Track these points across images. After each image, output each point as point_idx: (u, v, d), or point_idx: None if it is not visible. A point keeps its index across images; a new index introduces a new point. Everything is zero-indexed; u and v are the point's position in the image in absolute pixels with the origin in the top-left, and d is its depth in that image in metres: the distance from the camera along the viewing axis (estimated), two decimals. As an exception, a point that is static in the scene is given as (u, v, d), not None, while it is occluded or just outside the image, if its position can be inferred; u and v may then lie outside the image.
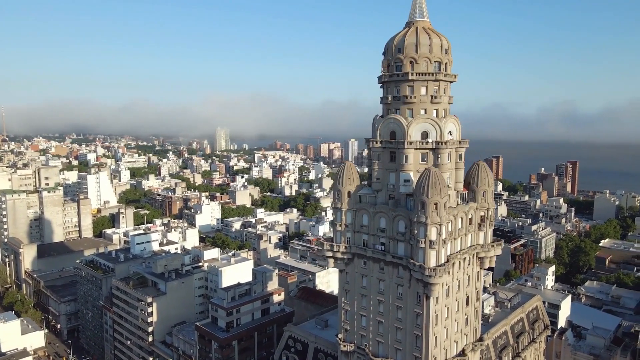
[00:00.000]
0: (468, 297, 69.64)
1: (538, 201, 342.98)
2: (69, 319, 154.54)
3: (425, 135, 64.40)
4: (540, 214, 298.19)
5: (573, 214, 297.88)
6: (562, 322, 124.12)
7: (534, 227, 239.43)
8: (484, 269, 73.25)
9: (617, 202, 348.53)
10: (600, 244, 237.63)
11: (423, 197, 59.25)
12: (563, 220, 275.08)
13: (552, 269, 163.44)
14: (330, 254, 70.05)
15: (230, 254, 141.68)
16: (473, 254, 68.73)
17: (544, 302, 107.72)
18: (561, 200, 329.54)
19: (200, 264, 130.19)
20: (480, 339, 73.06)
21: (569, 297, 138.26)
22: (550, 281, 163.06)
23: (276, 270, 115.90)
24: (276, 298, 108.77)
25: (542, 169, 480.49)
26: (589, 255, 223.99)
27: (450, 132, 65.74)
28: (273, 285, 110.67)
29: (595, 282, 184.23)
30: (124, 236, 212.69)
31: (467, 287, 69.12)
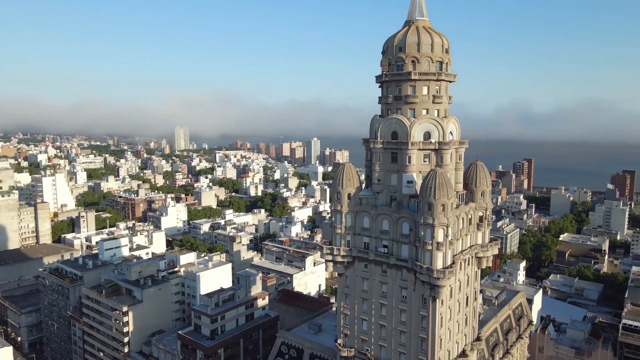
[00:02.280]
0: (467, 297, 69.68)
1: (499, 198, 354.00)
2: (30, 331, 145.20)
3: (427, 135, 63.71)
4: (502, 210, 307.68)
5: (534, 210, 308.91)
6: (534, 317, 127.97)
7: (499, 224, 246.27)
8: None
9: (571, 198, 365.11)
10: (560, 238, 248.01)
11: (430, 198, 58.48)
12: (525, 216, 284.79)
13: (523, 264, 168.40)
14: (329, 257, 68.20)
15: (206, 258, 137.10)
16: (472, 254, 68.74)
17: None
18: (521, 196, 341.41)
19: (176, 269, 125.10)
20: (478, 339, 73.38)
21: (540, 292, 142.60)
22: (521, 276, 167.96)
23: (260, 274, 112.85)
24: (260, 302, 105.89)
25: (500, 166, 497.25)
26: (551, 249, 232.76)
27: (451, 132, 65.35)
28: (257, 289, 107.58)
29: (558, 275, 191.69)
30: (86, 241, 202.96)
31: (467, 287, 69.12)
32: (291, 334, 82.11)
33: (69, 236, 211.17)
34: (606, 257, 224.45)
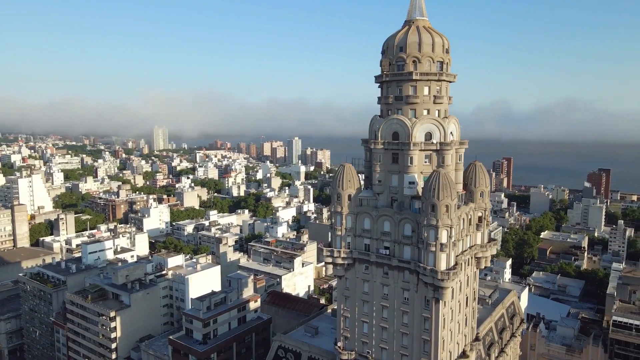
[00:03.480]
0: (467, 297, 69.67)
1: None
2: (9, 338, 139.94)
3: (429, 136, 63.36)
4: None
5: (515, 208, 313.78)
6: (522, 314, 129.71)
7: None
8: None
9: (550, 196, 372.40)
10: (541, 236, 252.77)
11: (434, 199, 58.09)
12: (507, 215, 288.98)
13: (509, 262, 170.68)
14: (329, 259, 67.28)
15: (194, 260, 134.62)
16: (472, 255, 68.73)
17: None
18: (502, 195, 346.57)
19: (163, 272, 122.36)
20: (477, 338, 73.52)
21: (527, 289, 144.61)
22: (507, 274, 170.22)
23: (251, 276, 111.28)
24: (252, 305, 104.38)
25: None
26: (532, 247, 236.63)
27: (451, 132, 65.14)
28: (248, 292, 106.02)
29: (541, 272, 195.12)
30: (66, 244, 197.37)
31: (467, 287, 69.11)
32: (288, 337, 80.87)
33: (48, 239, 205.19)
34: (585, 254, 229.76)
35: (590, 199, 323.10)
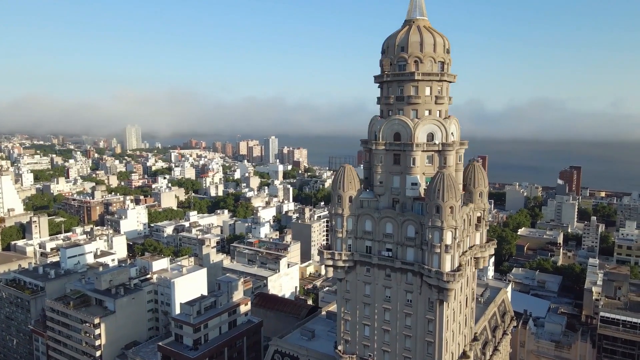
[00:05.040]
0: (467, 298, 69.73)
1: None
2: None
3: (431, 136, 62.93)
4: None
5: (493, 205, 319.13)
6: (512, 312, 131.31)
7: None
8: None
9: (525, 194, 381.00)
10: (519, 233, 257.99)
11: (438, 200, 57.68)
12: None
13: (492, 260, 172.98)
14: (330, 262, 66.17)
15: (179, 264, 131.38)
16: (472, 255, 68.75)
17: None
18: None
19: (148, 276, 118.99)
20: (475, 338, 73.70)
21: (510, 286, 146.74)
22: (491, 271, 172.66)
23: (242, 279, 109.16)
24: (242, 308, 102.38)
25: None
26: (510, 243, 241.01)
27: (452, 133, 64.90)
28: (238, 295, 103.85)
29: (520, 269, 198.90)
30: (40, 248, 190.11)
31: (467, 288, 69.14)
32: (284, 341, 79.45)
33: (20, 243, 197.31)
34: (561, 249, 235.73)
35: (564, 196, 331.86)
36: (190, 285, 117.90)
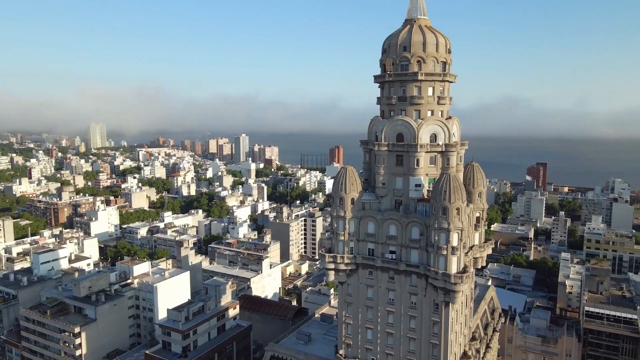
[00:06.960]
0: (467, 298, 69.82)
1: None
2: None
3: (434, 137, 62.45)
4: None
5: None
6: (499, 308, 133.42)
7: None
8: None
9: (495, 190, 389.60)
10: (492, 228, 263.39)
11: (444, 202, 57.21)
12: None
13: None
14: (332, 266, 64.88)
15: (161, 267, 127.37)
16: (472, 255, 68.76)
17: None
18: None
19: (129, 280, 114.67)
20: (473, 338, 74.00)
21: (490, 281, 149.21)
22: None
23: (230, 282, 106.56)
24: (231, 312, 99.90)
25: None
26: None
27: (454, 133, 64.64)
28: (226, 298, 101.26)
29: (495, 264, 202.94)
30: (6, 253, 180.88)
31: (467, 288, 69.12)
32: (280, 346, 77.69)
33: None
34: (532, 244, 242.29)
35: (532, 191, 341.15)
36: (173, 290, 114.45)
